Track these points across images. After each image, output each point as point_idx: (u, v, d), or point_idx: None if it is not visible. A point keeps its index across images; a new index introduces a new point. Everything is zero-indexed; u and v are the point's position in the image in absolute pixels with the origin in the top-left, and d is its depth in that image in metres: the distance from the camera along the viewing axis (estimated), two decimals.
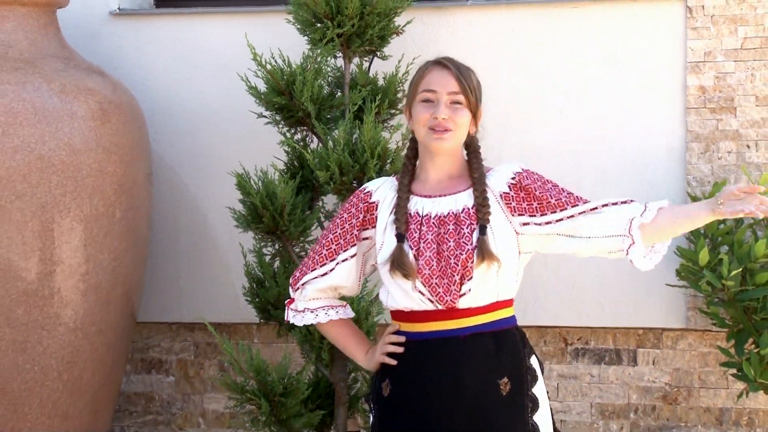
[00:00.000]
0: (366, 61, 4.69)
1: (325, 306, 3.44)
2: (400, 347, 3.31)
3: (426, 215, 3.28)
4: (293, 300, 3.46)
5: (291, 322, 3.45)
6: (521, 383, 3.27)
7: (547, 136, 4.79)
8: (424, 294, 3.24)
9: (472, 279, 3.22)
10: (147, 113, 4.95)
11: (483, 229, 3.22)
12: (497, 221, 3.26)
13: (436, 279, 3.23)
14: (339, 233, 3.38)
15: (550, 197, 3.24)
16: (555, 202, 3.24)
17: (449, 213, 3.28)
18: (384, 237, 3.31)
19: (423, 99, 3.29)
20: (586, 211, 3.23)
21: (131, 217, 4.67)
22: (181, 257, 5.11)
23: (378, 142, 4.37)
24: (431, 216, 3.28)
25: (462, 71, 3.31)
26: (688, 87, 4.68)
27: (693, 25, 4.67)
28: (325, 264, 3.38)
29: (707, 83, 4.66)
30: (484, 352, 3.26)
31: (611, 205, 3.21)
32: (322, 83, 4.55)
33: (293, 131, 4.64)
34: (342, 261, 3.38)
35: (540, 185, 3.26)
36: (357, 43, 4.56)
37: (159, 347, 5.25)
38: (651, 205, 3.20)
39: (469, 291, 3.23)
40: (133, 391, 5.26)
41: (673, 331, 4.78)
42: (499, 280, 3.26)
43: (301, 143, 4.62)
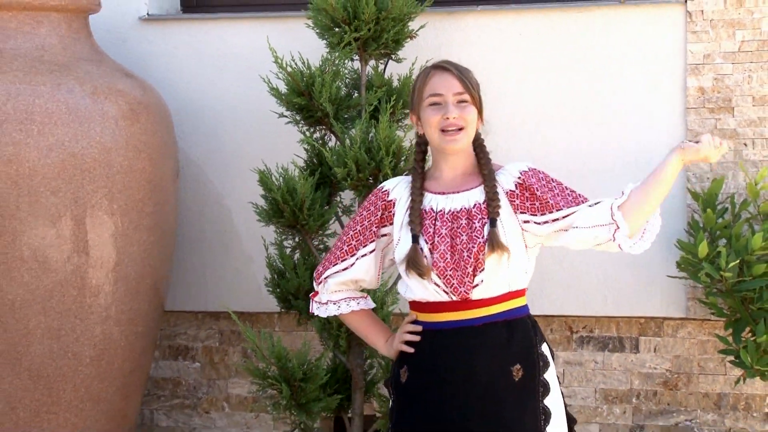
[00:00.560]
0: (381, 64, 4.69)
1: (347, 298, 3.46)
2: (417, 336, 3.32)
3: (440, 211, 3.29)
4: (317, 293, 3.48)
5: (315, 313, 3.47)
6: (533, 369, 3.28)
7: (555, 134, 4.79)
8: (439, 286, 3.25)
9: (484, 270, 3.23)
10: (174, 113, 4.96)
11: (493, 222, 3.23)
12: (505, 215, 3.27)
13: (450, 271, 3.24)
14: (359, 230, 3.39)
15: (549, 198, 3.25)
16: (553, 202, 3.25)
17: (462, 209, 3.28)
18: (401, 234, 3.32)
19: (431, 103, 3.30)
20: (579, 210, 3.24)
21: (159, 212, 4.67)
22: (207, 250, 5.11)
23: (393, 140, 4.38)
24: (445, 212, 3.29)
25: (462, 72, 3.33)
26: (688, 88, 4.67)
27: (693, 29, 4.66)
28: (346, 259, 3.40)
29: (706, 84, 4.66)
30: (497, 340, 3.27)
31: (602, 203, 3.21)
32: (339, 85, 4.56)
33: (312, 130, 4.65)
34: (362, 256, 3.39)
35: (543, 185, 3.27)
36: (373, 47, 4.56)
37: (186, 335, 5.26)
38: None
39: (482, 282, 3.24)
40: (161, 377, 5.27)
41: (674, 320, 4.78)
42: (510, 270, 3.27)
43: (320, 141, 4.63)
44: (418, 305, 3.33)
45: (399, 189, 3.38)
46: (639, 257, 3.37)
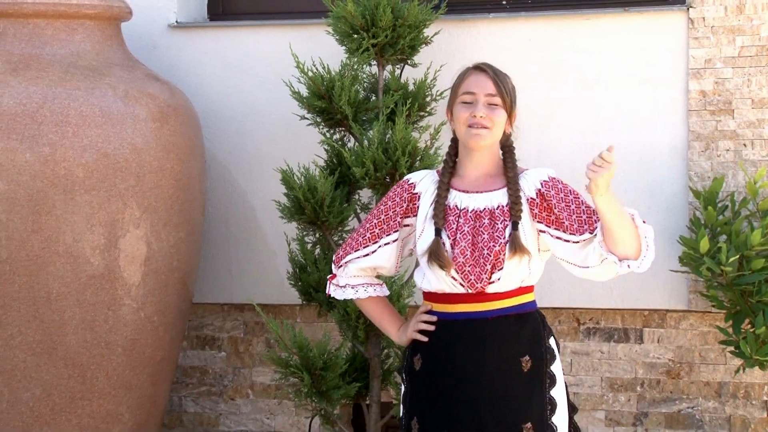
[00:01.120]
0: (398, 69, 4.69)
1: (365, 284, 3.46)
2: (431, 326, 3.32)
3: (464, 209, 3.29)
4: (335, 276, 3.47)
5: (332, 295, 3.46)
6: (541, 361, 3.28)
7: (563, 135, 4.78)
8: (456, 279, 3.25)
9: (502, 269, 3.22)
10: (201, 116, 4.97)
11: (515, 225, 3.23)
12: (526, 219, 3.26)
13: (468, 267, 3.24)
14: (383, 219, 3.39)
15: (564, 218, 3.23)
16: (567, 223, 3.23)
17: (485, 209, 3.28)
18: (424, 226, 3.31)
19: (463, 101, 3.30)
20: (586, 242, 3.20)
21: (187, 209, 4.68)
22: (232, 245, 5.12)
23: (408, 141, 4.38)
24: (468, 210, 3.28)
25: (498, 75, 3.31)
26: (690, 91, 4.66)
27: (694, 35, 4.65)
28: (368, 246, 3.39)
29: (707, 88, 4.65)
30: (508, 332, 3.27)
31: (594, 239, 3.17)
32: (358, 88, 4.56)
33: (332, 132, 4.65)
34: (384, 244, 3.39)
35: (561, 199, 3.23)
36: (390, 52, 4.56)
37: (212, 326, 5.27)
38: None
39: (498, 279, 3.23)
40: (189, 365, 5.28)
41: (676, 313, 4.77)
42: (527, 270, 3.27)
43: (340, 142, 4.63)
44: (433, 296, 3.33)
45: (424, 182, 3.38)
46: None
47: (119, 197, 4.44)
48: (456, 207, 3.29)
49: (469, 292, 3.25)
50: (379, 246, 3.38)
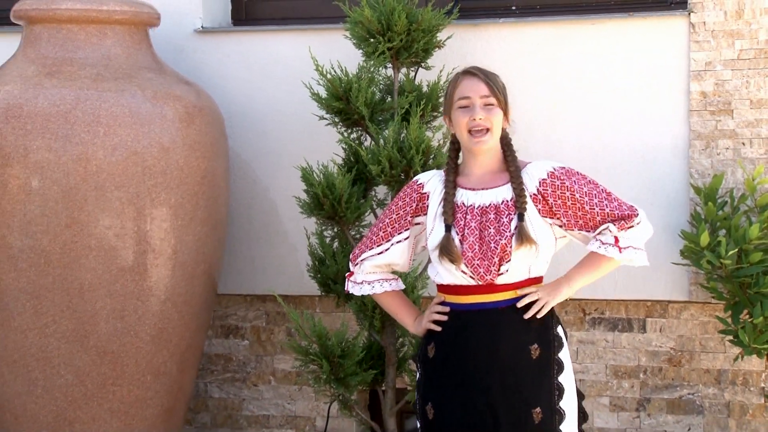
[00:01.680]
0: (412, 71, 4.69)
1: (380, 279, 3.47)
2: (444, 316, 3.33)
3: (470, 206, 3.29)
4: (352, 273, 3.49)
5: (350, 291, 3.48)
6: (549, 349, 3.29)
7: (569, 134, 4.77)
8: (466, 273, 3.26)
9: (510, 261, 3.23)
10: (225, 116, 4.98)
11: (521, 217, 3.23)
12: (532, 211, 3.26)
13: (477, 260, 3.24)
14: (395, 218, 3.40)
15: (561, 215, 3.26)
16: (565, 220, 3.26)
17: (490, 204, 3.28)
18: (434, 224, 3.33)
19: (460, 106, 3.30)
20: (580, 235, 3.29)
21: (212, 205, 4.69)
22: (255, 239, 5.13)
23: (422, 140, 4.38)
24: (475, 206, 3.29)
25: (489, 77, 3.33)
26: (691, 92, 4.65)
27: (695, 39, 4.64)
28: (382, 244, 3.41)
29: (708, 89, 4.63)
30: (517, 321, 3.27)
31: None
32: (374, 90, 4.57)
33: (350, 131, 4.65)
34: (396, 242, 3.40)
35: (556, 198, 3.26)
36: (404, 56, 4.56)
37: (236, 315, 5.28)
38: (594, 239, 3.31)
39: (507, 271, 3.24)
40: (214, 353, 5.29)
41: (678, 303, 4.76)
42: (538, 260, 3.27)
43: (357, 141, 4.64)
44: (445, 288, 3.34)
45: (433, 182, 3.39)
46: (646, 246, 3.36)
47: (147, 193, 4.46)
48: (463, 204, 3.30)
49: (480, 284, 3.26)
50: (392, 244, 3.40)
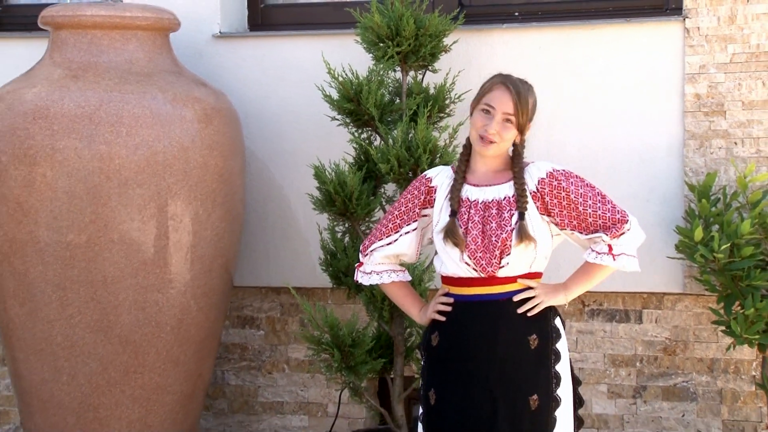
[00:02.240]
0: (420, 74, 4.69)
1: (388, 270, 3.48)
2: (448, 307, 3.33)
3: (474, 201, 3.30)
4: (362, 264, 3.49)
5: (359, 281, 3.49)
6: (547, 339, 3.30)
7: (569, 135, 4.77)
8: (469, 264, 3.27)
9: (510, 255, 3.23)
10: (242, 117, 4.99)
11: (522, 215, 3.24)
12: (532, 209, 3.27)
13: (480, 253, 3.25)
14: (403, 210, 3.41)
15: (556, 214, 3.27)
16: (558, 220, 3.27)
17: (493, 200, 3.29)
18: (440, 215, 3.33)
19: (483, 109, 3.30)
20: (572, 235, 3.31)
21: (229, 201, 4.69)
22: (269, 234, 5.13)
23: (429, 140, 4.38)
24: (478, 202, 3.30)
25: (521, 97, 3.29)
26: (685, 94, 4.65)
27: (690, 43, 4.64)
28: (391, 235, 3.42)
29: (702, 91, 4.63)
30: (517, 313, 3.28)
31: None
32: (384, 92, 4.57)
33: (360, 131, 4.66)
34: (405, 233, 3.41)
35: (552, 197, 3.27)
36: (412, 59, 4.56)
37: (251, 306, 5.28)
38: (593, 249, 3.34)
39: (507, 264, 3.24)
40: (231, 342, 5.30)
41: (673, 295, 4.76)
42: (537, 255, 3.28)
43: (367, 141, 4.64)
44: (450, 280, 3.35)
45: (440, 177, 3.40)
46: (643, 241, 3.37)
47: (168, 191, 4.46)
48: (467, 199, 3.31)
49: (482, 276, 3.27)
50: (401, 235, 3.40)
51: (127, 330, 4.47)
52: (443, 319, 3.34)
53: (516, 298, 3.26)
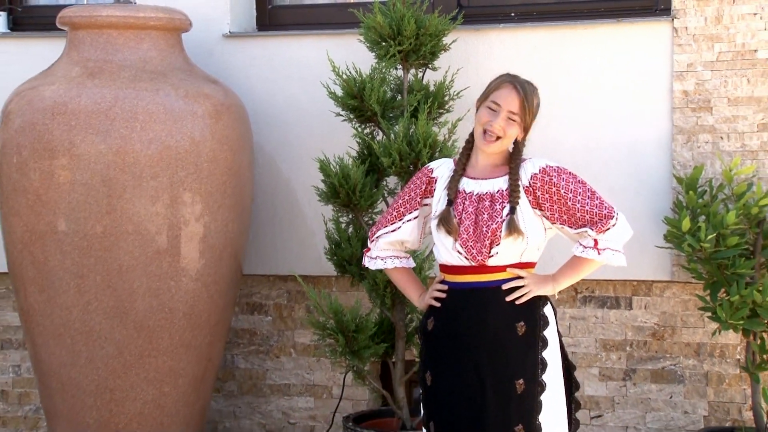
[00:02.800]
0: (420, 72, 4.69)
1: (393, 256, 3.50)
2: (443, 294, 3.35)
3: (470, 193, 3.31)
4: (369, 249, 3.51)
5: (366, 265, 3.51)
6: (535, 327, 3.30)
7: (563, 130, 4.77)
8: (461, 253, 3.28)
9: (499, 245, 3.24)
10: (250, 113, 4.98)
11: (513, 209, 3.24)
12: (524, 203, 3.28)
13: (471, 242, 3.26)
14: (406, 199, 3.43)
15: (546, 208, 3.27)
16: (549, 214, 3.27)
17: (487, 192, 3.30)
18: (438, 204, 3.35)
19: (489, 106, 3.30)
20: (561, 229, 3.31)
21: (238, 193, 4.70)
22: (277, 224, 5.13)
23: (429, 135, 4.39)
24: (473, 194, 3.31)
25: (527, 96, 3.30)
26: (674, 91, 4.65)
27: (678, 42, 4.64)
28: (395, 222, 3.44)
29: (689, 88, 4.63)
30: (505, 300, 3.29)
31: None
32: (386, 89, 4.57)
33: (363, 127, 4.66)
34: (407, 221, 3.43)
35: (543, 192, 3.27)
36: (413, 58, 4.57)
37: (260, 294, 5.28)
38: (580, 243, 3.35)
39: (497, 254, 3.25)
40: (240, 328, 5.30)
41: (661, 283, 4.76)
42: (525, 247, 3.28)
43: (369, 136, 4.64)
44: (445, 268, 3.37)
45: (442, 169, 3.41)
46: (634, 230, 3.38)
47: (180, 183, 4.47)
48: (464, 191, 3.32)
49: (473, 264, 3.28)
50: (403, 222, 3.42)
51: (142, 316, 4.48)
52: (438, 305, 3.36)
53: (505, 286, 3.27)
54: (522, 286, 3.27)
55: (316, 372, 5.21)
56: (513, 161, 3.32)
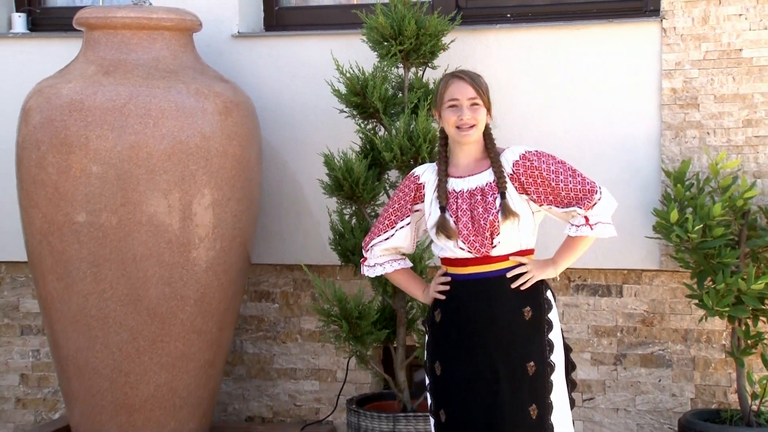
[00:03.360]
0: (420, 70, 4.70)
1: (390, 260, 3.50)
2: (446, 286, 3.35)
3: (460, 191, 3.31)
4: (366, 258, 3.51)
5: (366, 274, 3.51)
6: (540, 310, 3.31)
7: (557, 126, 4.78)
8: (464, 248, 3.28)
9: (500, 234, 3.25)
10: (258, 109, 4.99)
11: (503, 195, 3.25)
12: (511, 189, 3.28)
13: (472, 237, 3.26)
14: (396, 207, 3.43)
15: (532, 191, 3.28)
16: (536, 196, 3.28)
17: (476, 188, 3.30)
18: (431, 209, 3.34)
19: (449, 105, 3.31)
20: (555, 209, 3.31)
21: (247, 186, 4.70)
22: (283, 216, 5.14)
23: (429, 130, 4.39)
24: (464, 191, 3.31)
25: (475, 80, 3.33)
26: (662, 89, 4.66)
27: (667, 42, 4.64)
28: (387, 231, 3.43)
29: (677, 86, 4.64)
30: (510, 288, 3.30)
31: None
32: (387, 87, 4.58)
33: (366, 123, 4.66)
34: (400, 228, 3.42)
35: (527, 176, 3.28)
36: (414, 57, 4.57)
37: (267, 282, 5.29)
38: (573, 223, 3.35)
39: (499, 243, 3.25)
40: (248, 314, 5.31)
41: (650, 272, 4.78)
42: (521, 232, 3.29)
43: (372, 131, 4.64)
44: (448, 261, 3.37)
45: (427, 174, 3.41)
46: (623, 222, 3.40)
47: (191, 177, 4.47)
48: (454, 191, 3.32)
49: (476, 256, 3.28)
50: (396, 230, 3.42)
51: (155, 303, 4.49)
52: (443, 298, 3.36)
53: (509, 274, 3.28)
54: (525, 272, 3.28)
55: (321, 357, 5.22)
56: (491, 151, 3.33)
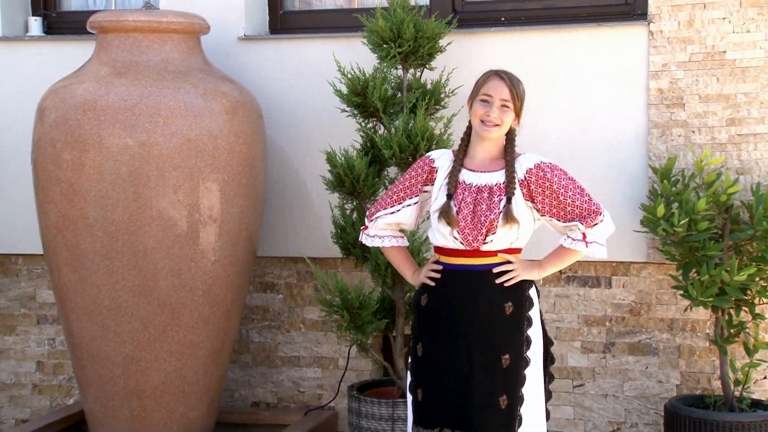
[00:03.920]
0: (418, 72, 4.70)
1: (389, 235, 3.50)
2: (437, 274, 3.36)
3: (469, 184, 3.31)
4: (367, 227, 3.51)
5: (363, 242, 3.51)
6: (521, 307, 3.31)
7: (550, 125, 4.78)
8: (458, 238, 3.28)
9: (495, 233, 3.25)
10: (264, 109, 4.99)
11: (509, 200, 3.25)
12: (518, 196, 3.28)
13: (468, 230, 3.26)
14: (407, 185, 3.42)
15: (538, 201, 3.27)
16: (540, 207, 3.28)
17: (485, 185, 3.30)
18: (438, 193, 3.34)
19: (482, 99, 3.31)
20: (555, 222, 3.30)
21: (252, 183, 4.69)
22: (288, 211, 5.14)
23: (427, 129, 4.40)
24: (473, 185, 3.31)
25: (514, 84, 3.31)
26: (650, 89, 4.66)
27: (654, 44, 4.65)
28: (394, 206, 3.43)
29: (664, 86, 4.64)
30: (495, 282, 3.30)
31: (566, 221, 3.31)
32: (387, 87, 4.58)
33: (366, 121, 4.67)
34: (407, 205, 3.42)
35: (537, 186, 3.27)
36: (412, 59, 4.57)
37: (272, 274, 5.29)
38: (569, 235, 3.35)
39: (491, 241, 3.26)
40: (254, 305, 5.31)
41: (638, 264, 4.78)
42: (517, 236, 3.29)
43: (372, 130, 4.65)
44: (440, 250, 3.37)
45: (442, 159, 3.41)
46: (612, 217, 3.39)
47: (199, 173, 4.47)
48: (464, 182, 3.32)
49: (467, 249, 3.28)
50: (403, 206, 3.42)
51: (165, 294, 4.50)
52: (432, 284, 3.36)
53: (495, 269, 3.28)
54: (511, 270, 3.29)
55: (323, 345, 5.22)
56: (508, 154, 3.33)
